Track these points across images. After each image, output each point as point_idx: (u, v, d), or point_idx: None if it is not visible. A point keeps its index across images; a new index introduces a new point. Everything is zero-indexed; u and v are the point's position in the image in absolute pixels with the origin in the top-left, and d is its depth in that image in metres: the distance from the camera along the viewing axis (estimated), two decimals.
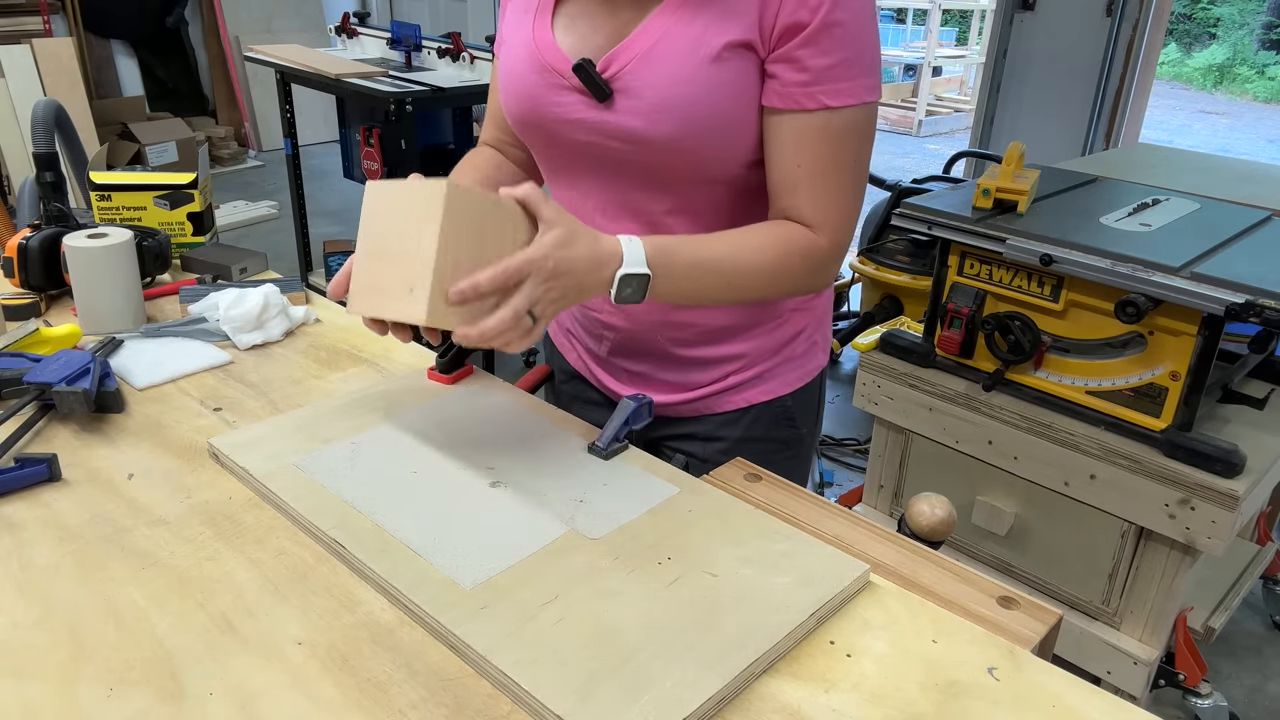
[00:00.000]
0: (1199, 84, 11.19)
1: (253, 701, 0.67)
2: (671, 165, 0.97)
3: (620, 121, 0.95)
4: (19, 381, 1.03)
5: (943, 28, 9.24)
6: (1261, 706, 2.05)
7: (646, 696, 0.66)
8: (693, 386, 1.13)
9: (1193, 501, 1.53)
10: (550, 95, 0.99)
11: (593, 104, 0.96)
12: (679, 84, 0.92)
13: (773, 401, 1.13)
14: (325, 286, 3.90)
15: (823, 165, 0.94)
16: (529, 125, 1.04)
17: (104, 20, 5.75)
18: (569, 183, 1.07)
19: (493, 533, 0.83)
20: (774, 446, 1.15)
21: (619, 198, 1.03)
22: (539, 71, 0.99)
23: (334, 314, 1.35)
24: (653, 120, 0.93)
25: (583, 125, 0.98)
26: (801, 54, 0.90)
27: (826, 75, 0.90)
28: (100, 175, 1.49)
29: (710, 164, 0.97)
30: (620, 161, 0.98)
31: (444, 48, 3.51)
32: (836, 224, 0.97)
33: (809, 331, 1.15)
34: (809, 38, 0.89)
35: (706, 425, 1.14)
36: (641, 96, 0.93)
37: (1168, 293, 1.47)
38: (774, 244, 0.96)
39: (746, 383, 1.12)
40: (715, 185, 0.99)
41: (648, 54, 0.93)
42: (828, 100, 0.91)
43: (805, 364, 1.15)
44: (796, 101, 0.92)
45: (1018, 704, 0.69)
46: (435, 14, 6.42)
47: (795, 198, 0.96)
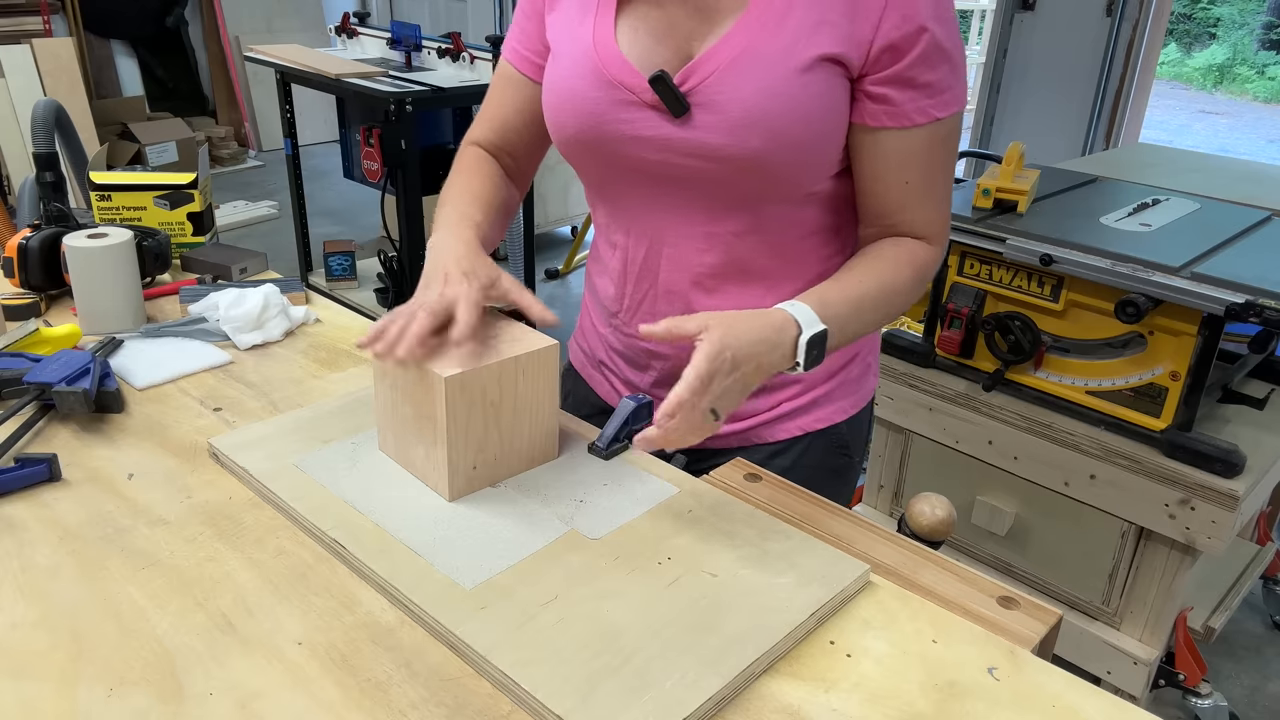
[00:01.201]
0: (1199, 84, 11.18)
1: (253, 701, 0.67)
2: (748, 183, 0.93)
3: (699, 138, 0.90)
4: (19, 381, 1.03)
5: None
6: (1261, 706, 2.05)
7: (646, 696, 0.66)
8: (744, 415, 1.06)
9: (1193, 501, 1.53)
10: (616, 112, 0.93)
11: (666, 120, 0.91)
12: (767, 97, 0.87)
13: (827, 430, 1.08)
14: (325, 286, 3.90)
15: (930, 177, 0.94)
16: (586, 145, 0.97)
17: (104, 20, 5.74)
18: (627, 208, 1.01)
19: (493, 533, 0.83)
20: (825, 475, 1.09)
21: (686, 218, 0.98)
22: (604, 87, 0.93)
23: (334, 314, 1.35)
24: (737, 135, 0.89)
25: (653, 143, 0.93)
26: (912, 73, 0.88)
27: (934, 89, 0.89)
28: (100, 175, 1.49)
29: (790, 181, 0.93)
30: (689, 181, 0.94)
31: (444, 48, 3.51)
32: (944, 230, 0.98)
33: (864, 354, 1.11)
34: (919, 57, 0.87)
35: (756, 455, 1.06)
36: (725, 111, 0.89)
37: (1168, 293, 1.47)
38: (908, 262, 0.95)
39: (800, 410, 1.07)
40: (788, 204, 0.96)
41: (731, 65, 0.88)
42: (937, 113, 0.90)
43: (859, 388, 1.11)
44: (910, 119, 0.90)
45: (1018, 704, 0.69)
46: (435, 14, 6.42)
47: (906, 214, 0.95)
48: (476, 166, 1.08)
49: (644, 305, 1.05)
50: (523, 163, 1.12)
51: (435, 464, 0.87)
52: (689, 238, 0.98)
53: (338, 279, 3.84)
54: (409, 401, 0.88)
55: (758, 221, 0.97)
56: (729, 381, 0.79)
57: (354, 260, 3.86)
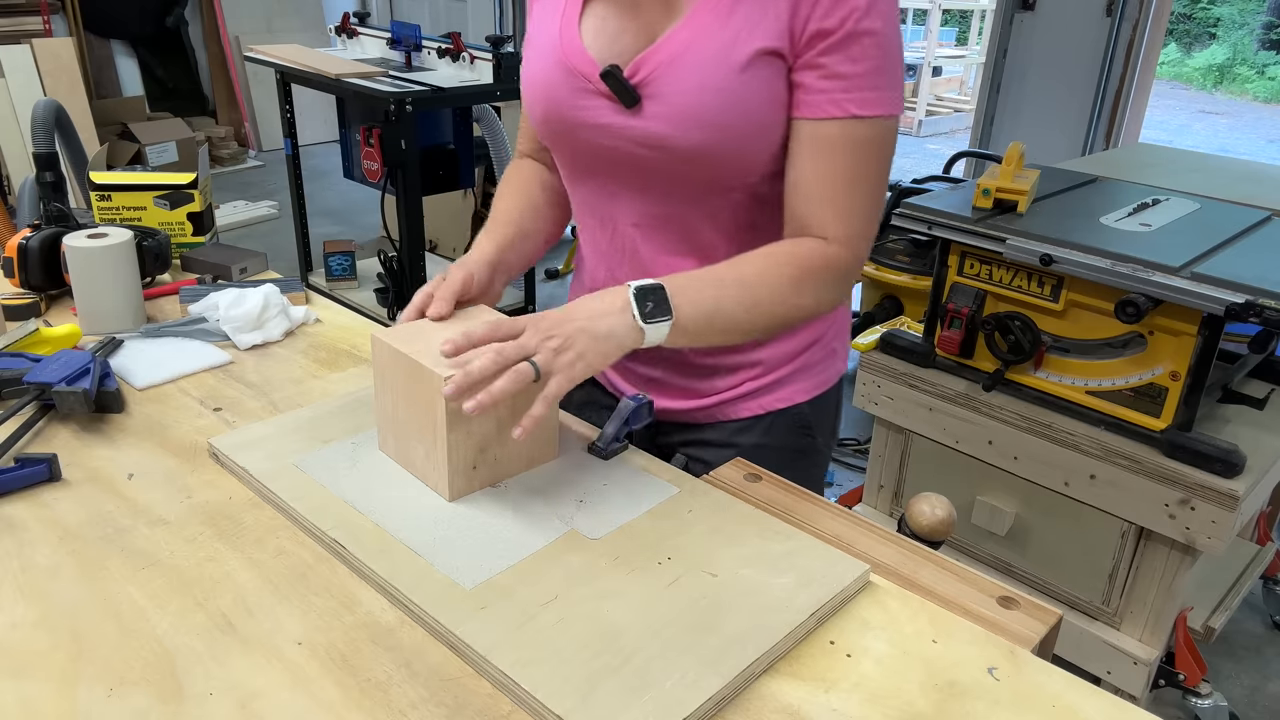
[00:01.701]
0: (1199, 84, 11.18)
1: (253, 701, 0.67)
2: (698, 172, 0.95)
3: (647, 127, 0.93)
4: (19, 381, 1.03)
5: (943, 28, 9.24)
6: (1261, 706, 2.05)
7: (646, 696, 0.66)
8: (708, 393, 1.10)
9: (1193, 501, 1.53)
10: (575, 99, 0.97)
11: (619, 109, 0.94)
12: (708, 91, 0.90)
13: (789, 409, 1.11)
14: (325, 286, 3.90)
15: (845, 176, 0.92)
16: (553, 128, 1.02)
17: (104, 20, 5.74)
18: (592, 187, 1.05)
19: (493, 533, 0.83)
20: (789, 455, 1.12)
21: (646, 203, 1.01)
22: (565, 74, 0.97)
23: (334, 314, 1.35)
24: (680, 127, 0.91)
25: (608, 130, 0.96)
26: (829, 60, 0.88)
27: (855, 84, 0.89)
28: (100, 175, 1.49)
29: (737, 172, 0.95)
30: (646, 167, 0.97)
31: (444, 48, 3.51)
32: (856, 235, 0.95)
33: (827, 339, 1.12)
34: (839, 44, 0.88)
35: (721, 432, 1.11)
36: (669, 103, 0.91)
37: (1168, 293, 1.47)
38: (789, 258, 0.94)
39: (762, 389, 1.10)
40: (740, 193, 0.98)
41: (677, 59, 0.91)
42: (855, 109, 0.89)
43: (823, 372, 1.13)
44: (823, 109, 0.90)
45: (1018, 704, 0.69)
46: (435, 14, 6.42)
47: (815, 207, 0.93)
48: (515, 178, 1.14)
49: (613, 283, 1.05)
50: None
51: (435, 464, 0.87)
52: (650, 221, 1.02)
53: (338, 279, 3.84)
54: (409, 402, 0.88)
55: (712, 208, 0.99)
56: (541, 336, 0.82)
57: (354, 260, 3.86)
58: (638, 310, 0.85)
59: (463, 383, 0.80)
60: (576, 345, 0.83)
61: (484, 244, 1.03)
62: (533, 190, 1.12)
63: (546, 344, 0.82)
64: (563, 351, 0.82)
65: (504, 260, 1.03)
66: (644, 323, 0.85)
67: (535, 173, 1.14)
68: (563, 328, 0.83)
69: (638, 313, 0.85)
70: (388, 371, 0.90)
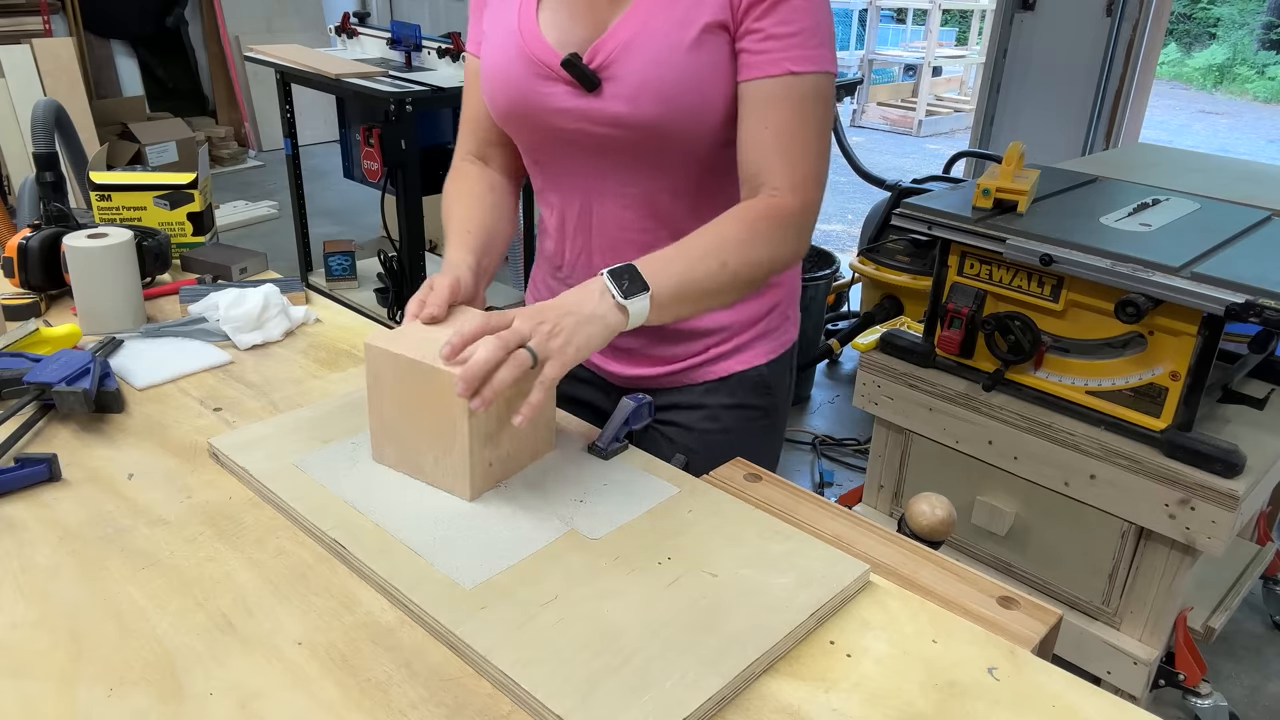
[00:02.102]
0: (1199, 84, 11.18)
1: (253, 701, 0.67)
2: (656, 146, 1.01)
3: (605, 107, 1.00)
4: (19, 381, 1.03)
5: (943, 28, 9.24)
6: (1261, 706, 2.05)
7: (646, 696, 0.66)
8: (678, 359, 1.18)
9: (1193, 501, 1.53)
10: (538, 86, 1.03)
11: (580, 93, 1.01)
12: (660, 67, 0.97)
13: (749, 370, 1.19)
14: (325, 286, 3.90)
15: (789, 127, 0.98)
16: (516, 116, 1.07)
17: (104, 20, 5.74)
18: (557, 172, 1.11)
19: (493, 533, 0.83)
20: (753, 414, 1.21)
21: (610, 180, 1.07)
22: (526, 64, 1.03)
23: (334, 314, 1.35)
24: (636, 103, 0.98)
25: (570, 114, 1.02)
26: (764, 24, 0.96)
27: (789, 43, 0.96)
28: (100, 175, 1.49)
29: (693, 143, 1.01)
30: (607, 146, 1.03)
31: (444, 48, 3.51)
32: (805, 183, 1.00)
33: (783, 306, 1.21)
34: (770, 8, 0.95)
35: (690, 395, 1.19)
36: (625, 82, 0.98)
37: (1168, 293, 1.47)
38: (741, 217, 0.99)
39: (726, 354, 1.18)
40: (699, 163, 1.04)
41: (630, 42, 0.98)
42: (792, 66, 0.96)
43: (779, 336, 1.21)
44: (763, 69, 0.97)
45: (1018, 704, 0.69)
46: (435, 14, 6.43)
47: (764, 159, 0.99)
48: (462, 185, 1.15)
49: (581, 260, 1.14)
50: (510, 149, 1.17)
51: (452, 466, 0.87)
52: (613, 196, 1.08)
53: (338, 279, 3.84)
54: (416, 408, 0.87)
55: (671, 181, 1.06)
56: (533, 324, 0.84)
57: (354, 260, 3.86)
58: (615, 289, 0.88)
59: (469, 375, 0.81)
60: (566, 328, 0.85)
61: (460, 252, 1.04)
62: (484, 194, 1.14)
63: (540, 328, 0.84)
64: (554, 336, 0.85)
65: (482, 265, 1.05)
66: (624, 299, 0.88)
67: (481, 175, 1.17)
68: (550, 313, 0.86)
69: (616, 291, 0.88)
70: (386, 379, 0.89)
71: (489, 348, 0.81)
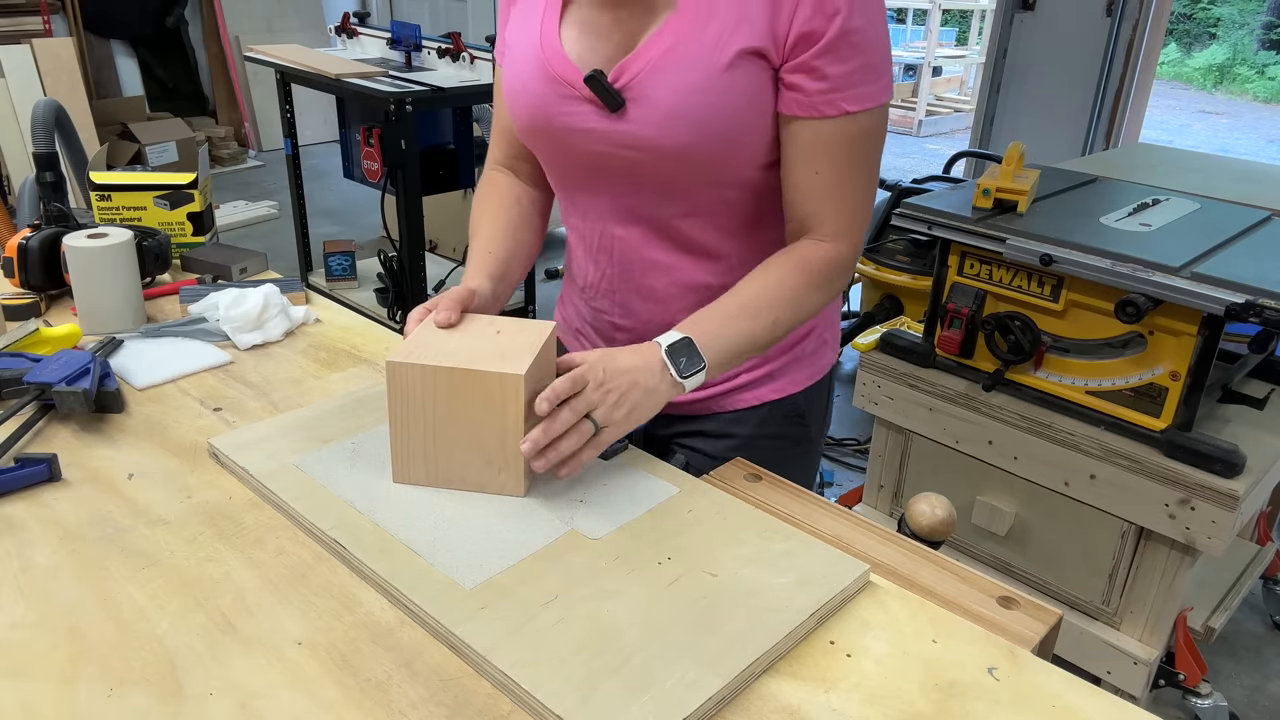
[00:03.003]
0: (1199, 84, 11.18)
1: (253, 701, 0.67)
2: (684, 172, 0.97)
3: (633, 130, 0.95)
4: (19, 381, 1.03)
5: (943, 28, 9.24)
6: (1261, 706, 2.05)
7: (646, 696, 0.66)
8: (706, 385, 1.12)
9: (1193, 501, 1.53)
10: (560, 105, 0.98)
11: (604, 114, 0.96)
12: (692, 92, 0.91)
13: (783, 400, 1.13)
14: (325, 286, 3.90)
15: (840, 171, 0.95)
16: (538, 134, 1.03)
17: (104, 20, 5.74)
18: (580, 190, 1.06)
19: (493, 533, 0.83)
20: (784, 444, 1.15)
21: (631, 204, 1.03)
22: (548, 82, 0.98)
23: (334, 314, 1.35)
24: (665, 129, 0.93)
25: (594, 135, 0.97)
26: (820, 63, 0.90)
27: (846, 82, 0.91)
28: (100, 175, 1.49)
29: (723, 169, 0.97)
30: (632, 169, 0.98)
31: (444, 48, 3.51)
32: (853, 228, 0.98)
33: (819, 330, 1.15)
34: (827, 46, 0.89)
35: (717, 423, 1.14)
36: (654, 105, 0.93)
37: (1168, 293, 1.47)
38: (794, 269, 0.97)
39: (757, 381, 1.12)
40: (727, 189, 1.00)
41: (659, 62, 0.92)
42: (848, 106, 0.92)
43: (815, 362, 1.16)
44: (817, 109, 0.92)
45: (1018, 704, 0.69)
46: (435, 14, 6.42)
47: (813, 205, 0.97)
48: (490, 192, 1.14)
49: (604, 283, 1.11)
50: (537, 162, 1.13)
51: (503, 466, 0.87)
52: (636, 220, 1.04)
53: (338, 279, 3.84)
54: (457, 418, 0.86)
55: (695, 206, 1.01)
56: (601, 393, 0.86)
57: (354, 260, 3.86)
58: (674, 370, 0.90)
59: (540, 440, 0.84)
60: (629, 400, 0.88)
61: (479, 277, 1.02)
62: (511, 207, 1.12)
63: (607, 397, 0.87)
64: (619, 406, 0.87)
65: (497, 290, 1.04)
66: (682, 378, 0.91)
67: (511, 187, 1.14)
68: (617, 381, 0.88)
69: (674, 371, 0.90)
70: (416, 394, 0.86)
71: (563, 420, 0.84)
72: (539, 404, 0.83)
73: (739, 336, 0.95)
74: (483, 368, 0.84)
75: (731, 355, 0.95)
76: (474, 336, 0.90)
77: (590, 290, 1.13)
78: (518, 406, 0.84)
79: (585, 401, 0.85)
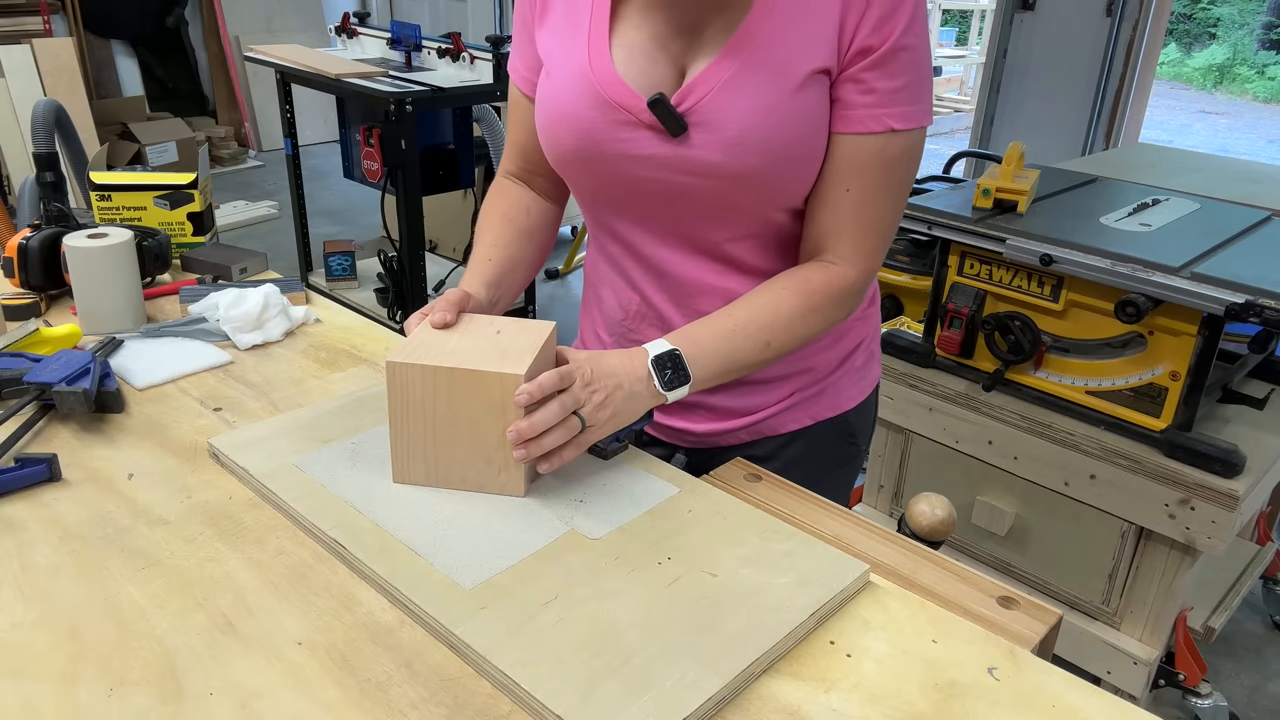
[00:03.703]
0: (1199, 84, 11.19)
1: (253, 701, 0.67)
2: (744, 196, 0.95)
3: (696, 155, 0.92)
4: (19, 381, 1.03)
5: (943, 28, 9.24)
6: (1261, 706, 2.05)
7: (646, 696, 0.66)
8: (752, 410, 1.08)
9: (1193, 501, 1.53)
10: (615, 132, 0.94)
11: (664, 139, 0.92)
12: (763, 115, 0.89)
13: (836, 418, 1.10)
14: (325, 286, 3.90)
15: (870, 191, 0.93)
16: (582, 162, 0.99)
17: (104, 20, 5.74)
18: (624, 216, 1.03)
19: (492, 533, 0.83)
20: (832, 464, 1.12)
21: (682, 228, 1.00)
22: (601, 107, 0.94)
23: (334, 314, 1.35)
24: (733, 153, 0.90)
25: (652, 161, 0.94)
26: (870, 75, 0.89)
27: (894, 98, 0.89)
28: (100, 175, 1.49)
29: (783, 193, 0.95)
30: (686, 194, 0.95)
31: (444, 48, 3.51)
32: (870, 253, 0.96)
33: (868, 342, 1.12)
34: (881, 59, 0.88)
35: (765, 448, 1.09)
36: (721, 129, 0.90)
37: (1168, 293, 1.47)
38: (795, 292, 0.95)
39: (811, 399, 1.08)
40: (784, 212, 0.97)
41: (728, 84, 0.90)
42: (893, 123, 0.90)
43: (865, 375, 1.13)
44: (864, 124, 0.90)
45: (1018, 704, 0.69)
46: (435, 14, 6.42)
47: (834, 223, 0.94)
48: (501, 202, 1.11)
49: (649, 310, 1.06)
50: (554, 179, 1.11)
51: (503, 466, 0.87)
52: (684, 244, 1.01)
53: (338, 279, 3.84)
54: (457, 418, 0.86)
55: (754, 228, 0.99)
56: (588, 390, 0.87)
57: (354, 260, 3.86)
58: (658, 380, 0.90)
59: (526, 430, 0.83)
60: (614, 402, 0.88)
61: (475, 283, 1.01)
62: (519, 216, 1.09)
63: (593, 396, 0.87)
64: (604, 407, 0.87)
65: (502, 282, 1.03)
66: (664, 390, 0.90)
67: (520, 198, 1.11)
68: (604, 382, 0.88)
69: (658, 381, 0.90)
70: (415, 394, 0.87)
71: (550, 412, 0.84)
72: (517, 396, 0.83)
73: (729, 354, 0.93)
74: (483, 368, 0.84)
75: (719, 372, 0.94)
76: (474, 336, 0.90)
77: (632, 319, 1.08)
78: (512, 403, 0.84)
79: (572, 398, 0.85)
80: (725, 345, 0.93)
